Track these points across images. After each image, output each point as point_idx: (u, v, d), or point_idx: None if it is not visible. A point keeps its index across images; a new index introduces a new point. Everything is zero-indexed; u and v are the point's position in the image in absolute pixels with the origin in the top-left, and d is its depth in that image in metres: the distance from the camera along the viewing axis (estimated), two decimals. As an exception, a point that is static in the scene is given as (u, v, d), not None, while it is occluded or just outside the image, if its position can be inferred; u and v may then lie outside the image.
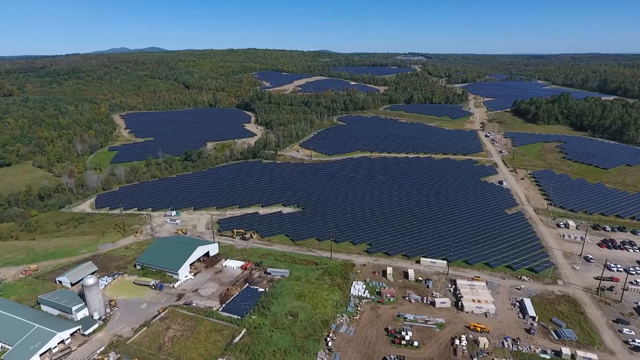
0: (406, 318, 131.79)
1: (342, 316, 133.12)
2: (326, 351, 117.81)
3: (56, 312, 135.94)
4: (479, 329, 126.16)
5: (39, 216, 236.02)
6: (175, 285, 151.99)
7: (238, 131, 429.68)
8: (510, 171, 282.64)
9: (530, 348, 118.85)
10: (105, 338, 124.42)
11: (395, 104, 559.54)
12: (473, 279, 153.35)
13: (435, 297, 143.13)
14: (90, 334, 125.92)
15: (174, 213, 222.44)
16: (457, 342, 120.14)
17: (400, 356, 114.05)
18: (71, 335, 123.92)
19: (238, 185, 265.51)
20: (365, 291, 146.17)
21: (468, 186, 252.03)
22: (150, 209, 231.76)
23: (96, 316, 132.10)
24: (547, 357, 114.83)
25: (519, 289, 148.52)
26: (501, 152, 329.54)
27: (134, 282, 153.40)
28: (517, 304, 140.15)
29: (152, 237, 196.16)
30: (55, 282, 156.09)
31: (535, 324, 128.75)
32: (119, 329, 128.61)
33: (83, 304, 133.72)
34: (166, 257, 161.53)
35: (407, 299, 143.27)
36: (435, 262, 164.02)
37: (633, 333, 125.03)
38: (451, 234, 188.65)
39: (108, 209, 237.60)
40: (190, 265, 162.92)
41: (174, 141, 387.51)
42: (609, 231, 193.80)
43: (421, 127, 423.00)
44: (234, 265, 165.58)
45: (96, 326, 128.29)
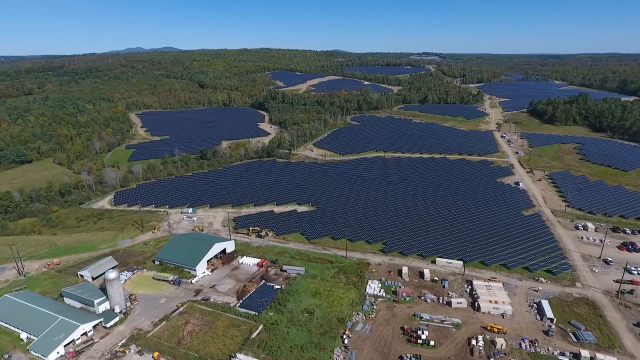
0: (422, 317, 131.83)
1: (358, 314, 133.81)
2: (342, 348, 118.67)
3: (78, 304, 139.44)
4: (495, 330, 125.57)
5: (59, 212, 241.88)
6: (193, 281, 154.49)
7: (252, 130, 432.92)
8: (527, 172, 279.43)
9: (548, 350, 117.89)
10: (126, 331, 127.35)
11: (409, 104, 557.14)
12: (490, 279, 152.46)
13: (451, 297, 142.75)
14: (111, 326, 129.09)
15: (190, 210, 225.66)
16: (473, 342, 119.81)
17: (416, 355, 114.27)
18: (93, 327, 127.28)
19: (253, 184, 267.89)
20: (380, 290, 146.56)
21: (484, 187, 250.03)
22: (167, 206, 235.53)
23: (117, 310, 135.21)
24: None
25: (537, 291, 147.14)
26: (517, 153, 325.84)
27: (153, 277, 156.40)
28: (534, 305, 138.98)
29: (169, 233, 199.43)
30: (77, 275, 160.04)
31: (554, 326, 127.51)
32: (139, 322, 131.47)
33: (104, 297, 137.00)
34: (184, 253, 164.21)
35: (422, 298, 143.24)
36: (451, 263, 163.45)
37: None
38: (467, 234, 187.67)
39: (126, 205, 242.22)
40: (208, 261, 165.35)
41: (189, 140, 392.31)
42: (629, 234, 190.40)
43: (436, 128, 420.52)
44: (250, 262, 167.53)
45: (117, 319, 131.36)
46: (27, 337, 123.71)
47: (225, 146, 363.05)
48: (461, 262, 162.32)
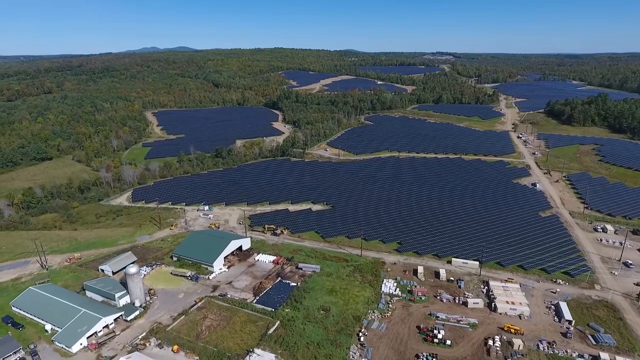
0: (438, 317, 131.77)
1: (374, 312, 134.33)
2: (358, 346, 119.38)
3: (100, 298, 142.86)
4: (512, 331, 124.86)
5: (79, 208, 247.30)
6: (210, 277, 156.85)
7: (266, 129, 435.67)
8: (544, 173, 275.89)
9: (566, 352, 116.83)
10: (146, 324, 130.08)
11: (424, 103, 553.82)
12: (506, 280, 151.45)
13: (467, 297, 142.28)
14: (132, 320, 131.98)
15: (206, 208, 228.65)
16: (490, 342, 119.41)
17: (433, 354, 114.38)
18: (115, 320, 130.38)
19: (268, 182, 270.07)
20: (396, 289, 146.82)
21: (500, 188, 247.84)
22: (184, 203, 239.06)
23: (137, 303, 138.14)
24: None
25: (554, 293, 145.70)
26: (534, 153, 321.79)
27: (171, 273, 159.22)
28: (552, 307, 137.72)
29: (186, 230, 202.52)
30: (98, 270, 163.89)
31: (572, 328, 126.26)
32: (158, 316, 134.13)
33: (125, 291, 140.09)
34: (201, 249, 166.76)
35: (438, 298, 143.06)
36: (467, 263, 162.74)
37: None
38: (483, 235, 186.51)
39: (144, 202, 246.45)
40: (224, 258, 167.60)
41: (204, 138, 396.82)
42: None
43: (450, 128, 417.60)
44: (266, 259, 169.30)
45: (137, 313, 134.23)
46: (52, 328, 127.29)
47: (239, 145, 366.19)
48: (477, 263, 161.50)
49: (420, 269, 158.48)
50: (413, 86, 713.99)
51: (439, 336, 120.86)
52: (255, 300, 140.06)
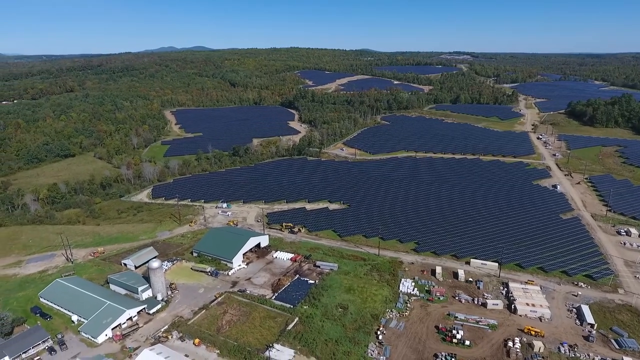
0: (457, 317, 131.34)
1: (392, 311, 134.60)
2: (377, 344, 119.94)
3: (123, 291, 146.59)
4: (533, 333, 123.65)
5: (101, 204, 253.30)
6: (230, 273, 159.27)
7: (282, 128, 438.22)
8: (565, 175, 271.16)
9: (588, 355, 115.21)
10: (168, 318, 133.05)
11: (441, 103, 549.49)
12: (527, 282, 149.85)
13: (486, 298, 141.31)
14: (154, 313, 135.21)
15: (225, 205, 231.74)
16: (510, 344, 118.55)
17: (452, 354, 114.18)
18: (138, 313, 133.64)
19: (285, 181, 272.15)
20: (414, 289, 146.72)
21: (519, 189, 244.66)
22: (203, 200, 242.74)
23: (159, 297, 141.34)
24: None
25: (576, 295, 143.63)
26: (555, 155, 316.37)
27: (191, 268, 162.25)
28: (574, 310, 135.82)
29: (205, 227, 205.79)
30: (121, 264, 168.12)
31: (594, 332, 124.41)
32: (179, 310, 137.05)
33: (147, 285, 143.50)
34: (221, 246, 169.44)
35: (457, 298, 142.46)
36: (485, 264, 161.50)
37: None
38: (502, 236, 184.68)
39: (163, 199, 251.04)
40: (243, 255, 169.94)
41: (221, 137, 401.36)
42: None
43: (468, 128, 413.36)
44: (284, 257, 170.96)
45: (159, 306, 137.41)
46: (78, 319, 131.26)
47: (256, 144, 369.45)
48: (496, 264, 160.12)
49: (439, 269, 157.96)
50: (430, 86, 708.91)
51: (458, 336, 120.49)
52: (274, 297, 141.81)
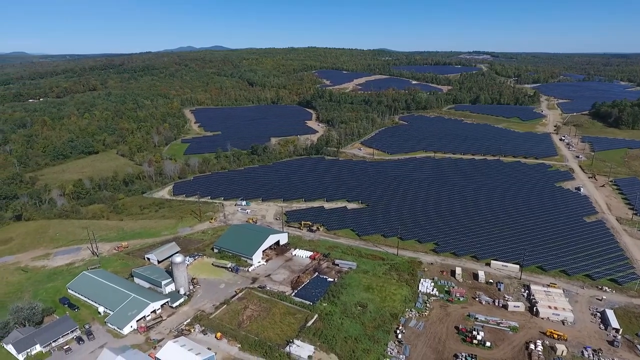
0: (477, 318, 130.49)
1: (411, 311, 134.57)
2: (396, 343, 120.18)
3: (147, 284, 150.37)
4: (555, 336, 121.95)
5: (124, 199, 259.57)
6: (250, 270, 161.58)
7: (300, 128, 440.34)
8: (589, 177, 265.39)
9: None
10: (190, 311, 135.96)
11: (460, 104, 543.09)
12: (549, 285, 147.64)
13: (507, 300, 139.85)
14: (177, 306, 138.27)
15: (244, 203, 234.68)
16: (532, 346, 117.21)
17: (472, 354, 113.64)
18: (161, 306, 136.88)
19: (303, 180, 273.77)
20: (433, 289, 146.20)
21: (541, 191, 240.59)
22: (222, 198, 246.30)
23: (182, 291, 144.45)
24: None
25: (600, 300, 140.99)
26: (578, 157, 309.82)
27: (212, 264, 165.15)
28: (598, 314, 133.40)
29: (225, 224, 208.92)
30: (144, 258, 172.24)
31: (619, 337, 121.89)
32: (201, 304, 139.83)
33: (170, 279, 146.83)
34: (241, 242, 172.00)
35: (477, 300, 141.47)
36: (506, 266, 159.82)
37: None
38: (523, 238, 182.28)
39: (184, 196, 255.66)
40: (263, 252, 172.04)
41: (239, 136, 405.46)
42: None
43: (488, 129, 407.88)
44: (302, 254, 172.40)
45: (182, 300, 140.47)
46: (104, 310, 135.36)
47: (274, 143, 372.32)
48: (518, 266, 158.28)
49: (458, 270, 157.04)
50: (449, 86, 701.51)
51: (479, 337, 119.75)
52: (294, 294, 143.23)
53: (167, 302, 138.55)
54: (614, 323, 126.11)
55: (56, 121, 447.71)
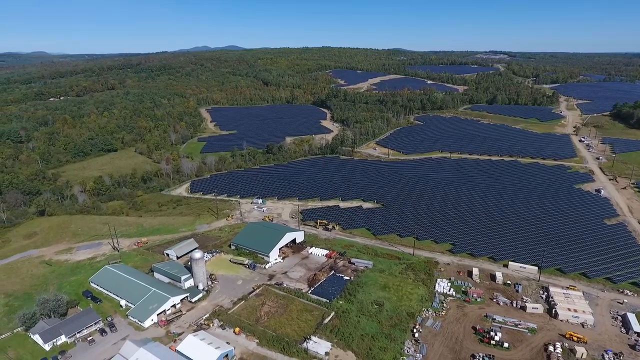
0: (495, 319, 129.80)
1: (428, 310, 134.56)
2: (413, 341, 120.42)
3: (166, 279, 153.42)
4: (575, 339, 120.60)
5: (143, 196, 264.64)
6: (266, 267, 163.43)
7: (315, 127, 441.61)
8: (610, 179, 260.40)
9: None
10: (209, 307, 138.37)
11: (477, 104, 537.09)
12: (568, 287, 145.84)
13: (526, 302, 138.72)
14: (195, 301, 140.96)
15: (260, 201, 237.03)
16: (551, 348, 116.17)
17: (489, 355, 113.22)
18: (181, 300, 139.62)
19: (318, 179, 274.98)
20: (450, 289, 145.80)
21: (560, 193, 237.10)
22: (239, 196, 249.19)
23: (200, 287, 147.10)
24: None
25: (621, 303, 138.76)
26: (598, 158, 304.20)
27: (230, 260, 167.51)
28: (619, 318, 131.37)
29: (241, 221, 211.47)
30: (163, 254, 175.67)
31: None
32: (219, 300, 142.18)
33: (189, 275, 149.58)
34: (258, 240, 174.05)
35: (495, 301, 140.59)
36: (524, 267, 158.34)
37: None
38: (542, 240, 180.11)
39: (201, 194, 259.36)
40: (279, 249, 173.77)
41: (255, 135, 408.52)
42: None
43: (505, 129, 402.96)
44: (319, 253, 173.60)
45: (200, 295, 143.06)
46: (125, 304, 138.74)
47: (289, 142, 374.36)
48: (536, 268, 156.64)
49: (475, 271, 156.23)
50: (465, 86, 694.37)
51: (496, 338, 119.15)
52: (310, 291, 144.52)
53: (187, 297, 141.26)
54: (636, 327, 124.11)
55: (76, 119, 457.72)
